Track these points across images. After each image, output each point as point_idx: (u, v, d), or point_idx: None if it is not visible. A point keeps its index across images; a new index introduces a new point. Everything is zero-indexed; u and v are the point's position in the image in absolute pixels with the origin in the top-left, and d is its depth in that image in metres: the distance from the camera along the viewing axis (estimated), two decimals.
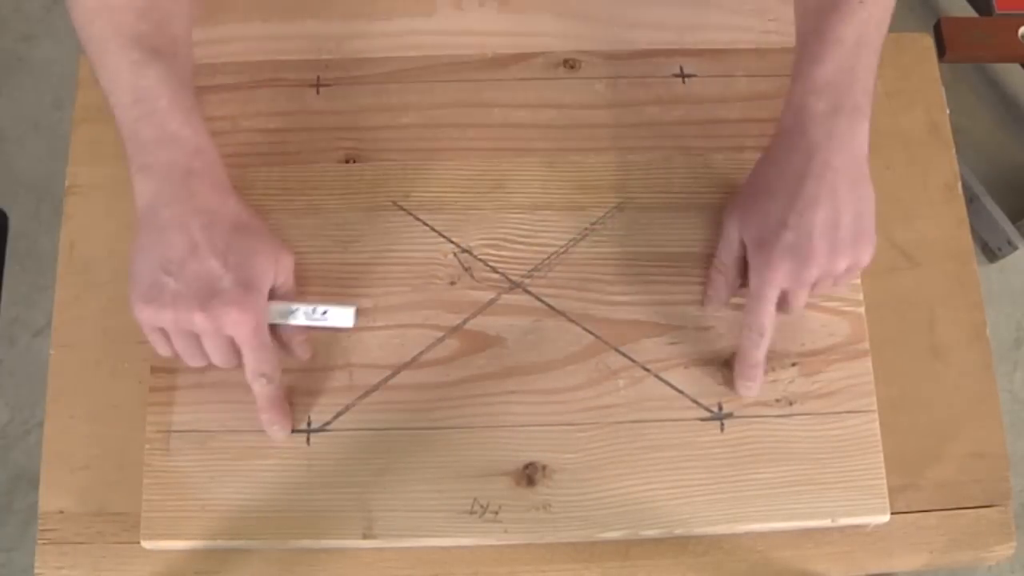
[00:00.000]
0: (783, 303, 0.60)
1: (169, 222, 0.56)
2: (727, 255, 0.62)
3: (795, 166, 0.58)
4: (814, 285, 0.59)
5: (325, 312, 0.59)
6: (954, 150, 0.72)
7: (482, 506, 0.60)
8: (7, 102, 1.52)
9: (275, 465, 0.60)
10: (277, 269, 0.59)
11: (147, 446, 0.60)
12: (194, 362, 0.59)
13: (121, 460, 0.62)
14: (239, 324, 0.55)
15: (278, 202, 0.66)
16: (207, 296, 0.55)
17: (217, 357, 0.58)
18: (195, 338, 0.57)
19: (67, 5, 0.61)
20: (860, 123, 0.58)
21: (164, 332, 0.57)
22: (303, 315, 0.59)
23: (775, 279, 0.57)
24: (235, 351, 0.58)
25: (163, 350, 0.59)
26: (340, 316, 0.59)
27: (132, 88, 0.58)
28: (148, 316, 0.56)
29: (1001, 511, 0.64)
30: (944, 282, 0.68)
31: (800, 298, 0.59)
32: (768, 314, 0.59)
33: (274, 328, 0.60)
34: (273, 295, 0.60)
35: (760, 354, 0.60)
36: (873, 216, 0.58)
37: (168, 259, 0.56)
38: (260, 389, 0.58)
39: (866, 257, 0.58)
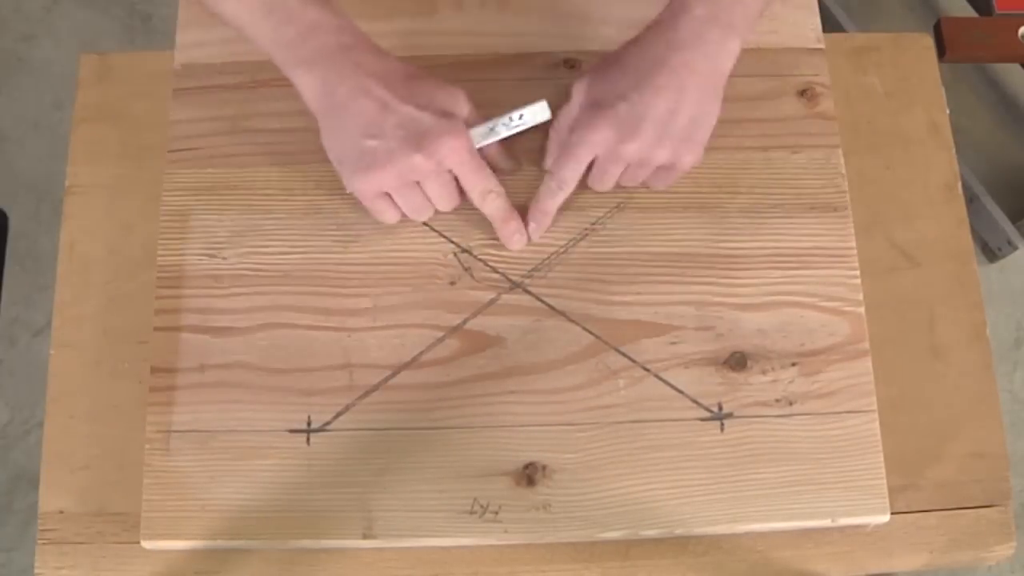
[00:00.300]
0: (594, 177, 0.62)
1: (349, 95, 0.58)
2: (565, 117, 0.63)
3: (656, 53, 0.59)
4: (626, 169, 0.61)
5: (521, 116, 0.62)
6: (954, 150, 0.72)
7: (482, 506, 0.60)
8: (7, 102, 1.52)
9: (275, 465, 0.60)
10: (460, 99, 0.61)
11: (147, 446, 0.60)
12: (422, 213, 0.62)
13: (121, 460, 0.62)
14: (456, 151, 0.58)
15: (278, 202, 0.66)
16: (418, 138, 0.57)
17: (444, 198, 0.61)
18: (419, 188, 0.60)
19: None
20: (731, 40, 0.59)
21: (387, 195, 0.60)
22: (503, 128, 0.62)
23: (592, 140, 0.59)
24: (456, 187, 0.61)
25: (389, 215, 0.62)
26: (535, 114, 0.62)
27: (260, 3, 0.59)
28: (371, 184, 0.59)
29: (1001, 511, 0.64)
30: (944, 282, 0.68)
31: (609, 175, 0.61)
32: (573, 170, 0.61)
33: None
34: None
35: (553, 204, 0.63)
36: (709, 130, 0.60)
37: (365, 125, 0.58)
38: (492, 205, 0.61)
39: (688, 160, 0.60)
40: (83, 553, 0.61)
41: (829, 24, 1.41)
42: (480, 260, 0.65)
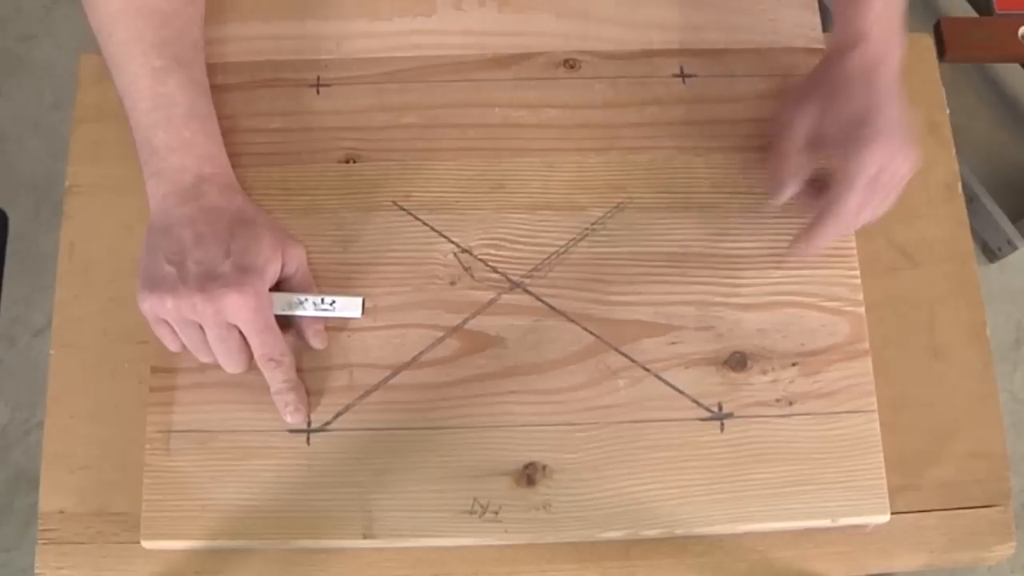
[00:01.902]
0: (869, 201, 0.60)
1: (177, 219, 0.58)
2: (797, 136, 0.63)
3: (864, 65, 0.61)
4: (878, 193, 0.60)
5: (333, 302, 0.61)
6: (954, 150, 0.72)
7: (482, 506, 0.60)
8: (7, 102, 1.52)
9: (275, 465, 0.60)
10: (285, 259, 0.60)
11: (147, 446, 0.60)
12: (202, 354, 0.59)
13: (121, 460, 0.62)
14: (238, 307, 0.56)
15: (278, 202, 0.66)
16: (207, 280, 0.56)
17: (224, 353, 0.58)
18: (199, 329, 0.58)
19: (85, 7, 0.62)
20: (901, 44, 0.63)
21: (169, 324, 0.58)
22: (311, 306, 0.61)
23: (872, 160, 0.58)
24: (241, 346, 0.59)
25: (171, 344, 0.60)
26: (348, 306, 0.61)
27: (151, 95, 0.60)
28: (151, 305, 0.57)
29: (1001, 511, 0.64)
30: (944, 282, 0.68)
31: (879, 196, 0.60)
32: (861, 199, 0.59)
33: (288, 318, 0.61)
34: (288, 285, 0.61)
35: (836, 233, 0.61)
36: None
37: (173, 251, 0.57)
38: (271, 373, 0.59)
39: (918, 159, 0.61)
40: (83, 553, 0.61)
41: (829, 24, 1.41)
42: (480, 260, 0.65)
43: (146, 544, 0.59)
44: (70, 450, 0.63)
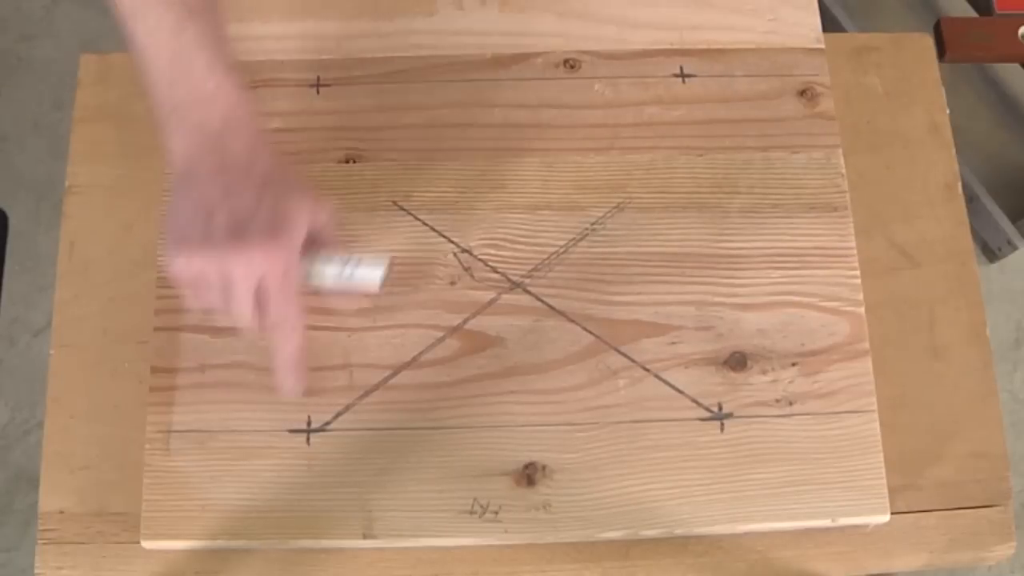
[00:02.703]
0: None
1: (204, 174, 0.56)
2: None
3: None
4: None
5: (359, 260, 0.59)
6: (954, 150, 0.72)
7: (482, 506, 0.60)
8: (7, 102, 1.52)
9: (275, 465, 0.60)
10: (314, 212, 0.58)
11: (147, 446, 0.60)
12: (225, 308, 0.57)
13: (121, 460, 0.62)
14: (270, 261, 0.54)
15: None
16: (239, 233, 0.54)
17: (246, 307, 0.56)
18: (226, 283, 0.55)
19: None
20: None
21: (196, 281, 0.56)
22: (334, 270, 0.59)
23: None
24: (252, 303, 0.56)
25: (196, 301, 0.57)
26: (369, 275, 0.59)
27: (170, 49, 0.57)
28: (182, 262, 0.55)
29: (1001, 511, 0.64)
30: (944, 282, 0.68)
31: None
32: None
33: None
34: (316, 240, 0.59)
35: None
36: None
37: (202, 205, 0.55)
38: (282, 340, 0.57)
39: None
40: (83, 553, 0.61)
41: (829, 24, 1.40)
42: (480, 260, 0.65)
43: (146, 544, 0.59)
44: (70, 450, 0.63)
